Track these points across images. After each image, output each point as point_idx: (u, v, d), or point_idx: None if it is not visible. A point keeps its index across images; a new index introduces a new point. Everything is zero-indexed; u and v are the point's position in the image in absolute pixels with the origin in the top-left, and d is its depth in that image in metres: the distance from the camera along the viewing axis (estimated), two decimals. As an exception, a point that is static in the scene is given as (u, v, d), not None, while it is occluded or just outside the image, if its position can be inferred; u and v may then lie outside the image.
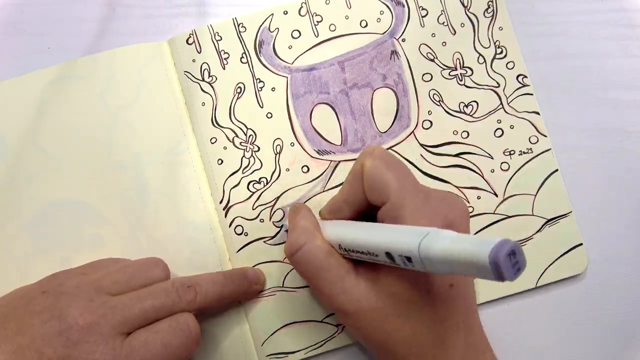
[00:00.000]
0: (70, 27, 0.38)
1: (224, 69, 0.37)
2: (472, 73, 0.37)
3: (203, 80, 0.37)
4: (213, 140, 0.36)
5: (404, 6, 0.37)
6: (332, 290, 0.30)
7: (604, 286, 0.37)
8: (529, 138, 0.37)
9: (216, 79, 0.37)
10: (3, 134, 0.36)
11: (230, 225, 0.36)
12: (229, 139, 0.36)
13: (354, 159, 0.36)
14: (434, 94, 0.37)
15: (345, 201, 0.32)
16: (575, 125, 0.38)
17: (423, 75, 0.37)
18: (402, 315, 0.29)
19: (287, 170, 0.36)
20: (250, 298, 0.36)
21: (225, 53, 0.37)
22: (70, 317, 0.28)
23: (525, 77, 0.37)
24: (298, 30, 0.37)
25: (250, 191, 0.36)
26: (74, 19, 0.38)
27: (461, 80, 0.37)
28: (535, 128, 0.37)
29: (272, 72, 0.37)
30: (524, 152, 0.37)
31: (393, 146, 0.37)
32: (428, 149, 0.37)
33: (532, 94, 0.37)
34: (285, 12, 0.37)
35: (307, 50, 0.37)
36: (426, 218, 0.28)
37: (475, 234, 0.36)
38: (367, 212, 0.32)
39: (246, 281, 0.35)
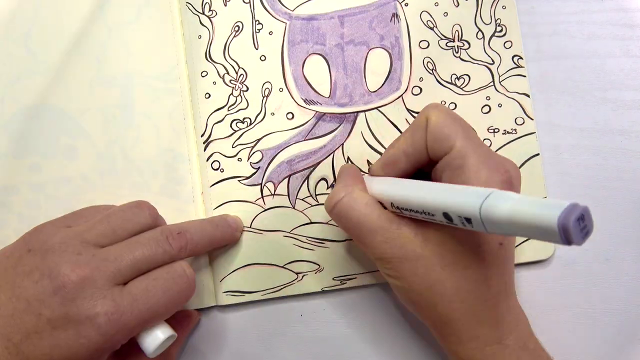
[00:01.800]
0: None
1: (225, 5, 0.37)
2: (469, 47, 0.37)
3: (203, 13, 0.37)
4: (204, 74, 0.37)
5: (412, -28, 0.38)
6: (374, 240, 0.29)
7: (603, 286, 0.37)
8: (515, 119, 0.37)
9: (216, 13, 0.37)
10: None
11: (207, 160, 0.36)
12: (219, 75, 0.37)
13: (339, 113, 0.37)
14: (427, 62, 0.37)
15: (405, 152, 0.31)
16: (574, 125, 0.38)
17: (420, 42, 0.37)
18: (448, 267, 0.28)
19: (272, 114, 0.37)
20: (230, 244, 0.36)
21: (229, -10, 0.37)
22: (61, 275, 0.27)
23: (521, 58, 0.37)
24: (304, -21, 0.37)
25: (233, 129, 0.37)
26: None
27: (457, 53, 0.37)
28: (523, 110, 0.37)
29: (272, 16, 0.37)
30: (508, 132, 0.37)
31: (380, 107, 0.37)
32: (414, 114, 0.37)
33: (524, 76, 0.37)
34: (294, -40, 0.37)
35: (309, 0, 0.37)
36: (489, 170, 0.28)
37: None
38: (420, 171, 0.32)
39: (229, 228, 0.35)
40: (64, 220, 0.31)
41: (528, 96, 0.37)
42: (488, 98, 0.37)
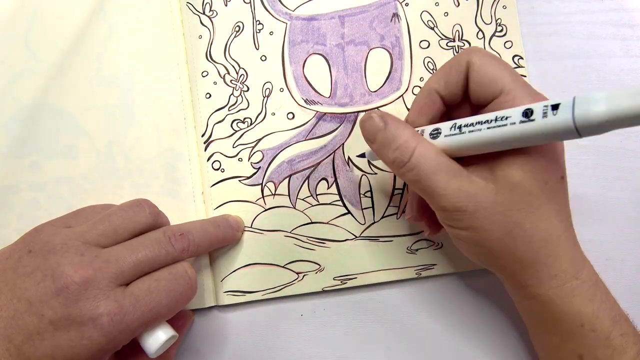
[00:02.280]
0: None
1: (225, 5, 0.37)
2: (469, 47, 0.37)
3: (203, 13, 0.37)
4: (204, 74, 0.37)
5: (412, -28, 0.38)
6: (448, 189, 0.28)
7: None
8: (516, 119, 0.37)
9: (217, 13, 0.37)
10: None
11: (208, 160, 0.36)
12: (220, 75, 0.37)
13: (340, 113, 0.37)
14: (428, 62, 0.37)
15: (439, 91, 0.30)
16: None
17: (420, 42, 0.37)
18: (523, 210, 0.28)
19: (273, 114, 0.37)
20: (231, 244, 0.36)
21: (229, -10, 0.37)
22: (64, 276, 0.27)
23: (521, 58, 0.37)
24: (305, -20, 0.37)
25: (234, 129, 0.37)
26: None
27: (457, 53, 0.37)
28: (523, 110, 0.37)
29: (273, 16, 0.37)
30: (508, 132, 0.37)
31: (381, 106, 0.37)
32: (414, 114, 0.37)
33: (525, 76, 0.37)
34: (295, -40, 0.37)
35: (310, 0, 0.37)
36: None
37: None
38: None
39: (230, 229, 0.35)
40: (64, 221, 0.31)
41: (528, 96, 0.37)
42: (488, 98, 0.37)
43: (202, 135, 0.37)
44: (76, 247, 0.28)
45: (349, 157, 0.37)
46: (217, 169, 0.36)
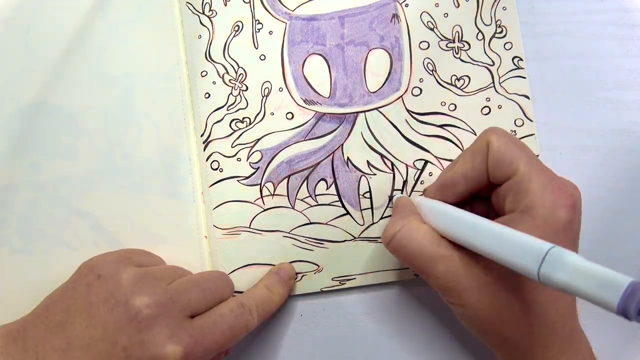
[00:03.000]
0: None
1: (225, 5, 0.37)
2: (469, 48, 0.37)
3: (203, 13, 0.37)
4: (204, 74, 0.37)
5: (412, -28, 0.37)
6: (435, 270, 0.29)
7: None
8: (515, 120, 0.37)
9: (216, 13, 0.37)
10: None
11: (207, 160, 0.37)
12: (219, 75, 0.37)
13: (339, 113, 0.37)
14: (427, 63, 0.37)
15: (464, 176, 0.31)
16: (575, 126, 0.38)
17: (420, 42, 0.37)
18: (515, 291, 0.27)
19: (272, 114, 0.37)
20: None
21: (229, -11, 0.37)
22: (137, 302, 0.27)
23: (521, 59, 0.37)
24: (304, -20, 0.37)
25: (232, 129, 0.37)
26: None
27: (457, 54, 0.37)
28: (523, 111, 0.37)
29: (272, 15, 0.37)
30: (508, 133, 0.37)
31: (380, 107, 0.37)
32: (414, 115, 0.37)
33: (524, 77, 0.37)
34: (295, -40, 0.37)
35: (310, 0, 0.37)
36: (553, 194, 0.28)
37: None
38: (476, 194, 0.32)
39: (286, 286, 0.35)
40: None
41: (528, 98, 0.37)
42: (488, 99, 0.37)
43: (202, 135, 0.37)
44: (145, 279, 0.29)
45: (348, 158, 0.37)
46: (216, 169, 0.36)
